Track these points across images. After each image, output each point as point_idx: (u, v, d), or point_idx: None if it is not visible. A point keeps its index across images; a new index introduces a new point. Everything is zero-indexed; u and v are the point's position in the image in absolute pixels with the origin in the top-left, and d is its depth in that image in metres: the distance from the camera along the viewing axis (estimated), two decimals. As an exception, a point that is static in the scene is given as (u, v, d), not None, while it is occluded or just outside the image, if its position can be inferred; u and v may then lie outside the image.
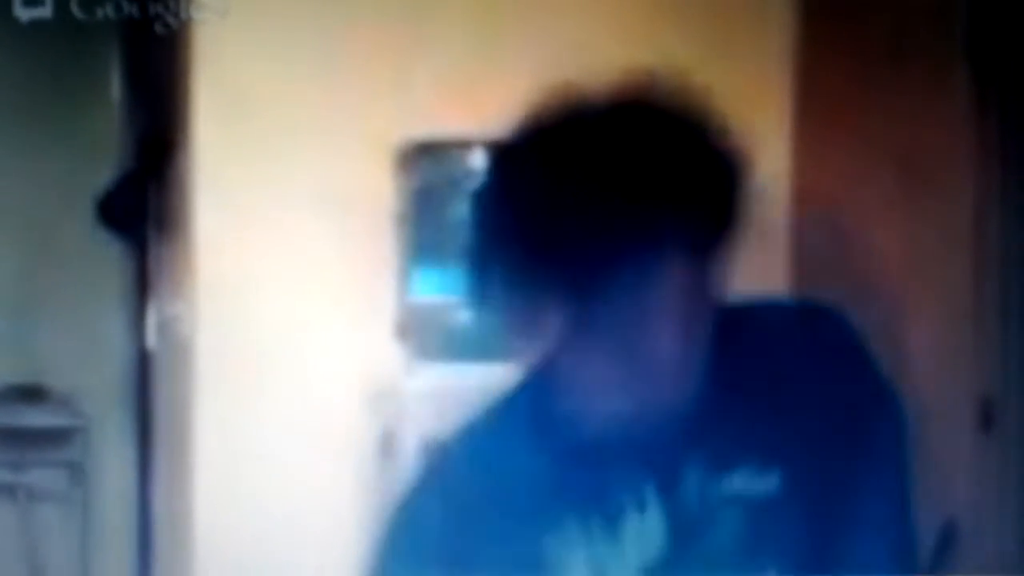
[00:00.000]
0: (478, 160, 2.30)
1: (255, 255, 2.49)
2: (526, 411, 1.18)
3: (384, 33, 2.53)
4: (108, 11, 2.43)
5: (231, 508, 2.49)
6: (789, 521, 1.14)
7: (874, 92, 2.64)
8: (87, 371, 3.53)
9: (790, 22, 2.73)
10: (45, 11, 2.39)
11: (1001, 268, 2.47)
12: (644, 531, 1.13)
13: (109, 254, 3.46)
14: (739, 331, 1.19)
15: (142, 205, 3.22)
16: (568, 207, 1.06)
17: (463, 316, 2.34)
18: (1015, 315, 2.49)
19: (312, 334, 2.47)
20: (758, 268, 2.75)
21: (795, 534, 1.14)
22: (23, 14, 2.41)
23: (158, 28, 2.48)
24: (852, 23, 2.70)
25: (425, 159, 2.31)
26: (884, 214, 2.61)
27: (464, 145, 2.34)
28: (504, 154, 1.13)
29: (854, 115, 2.65)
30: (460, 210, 2.23)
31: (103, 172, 3.37)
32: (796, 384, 1.18)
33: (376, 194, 2.41)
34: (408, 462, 2.28)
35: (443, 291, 2.36)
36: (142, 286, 3.34)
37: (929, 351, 2.51)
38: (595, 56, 2.20)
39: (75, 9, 2.40)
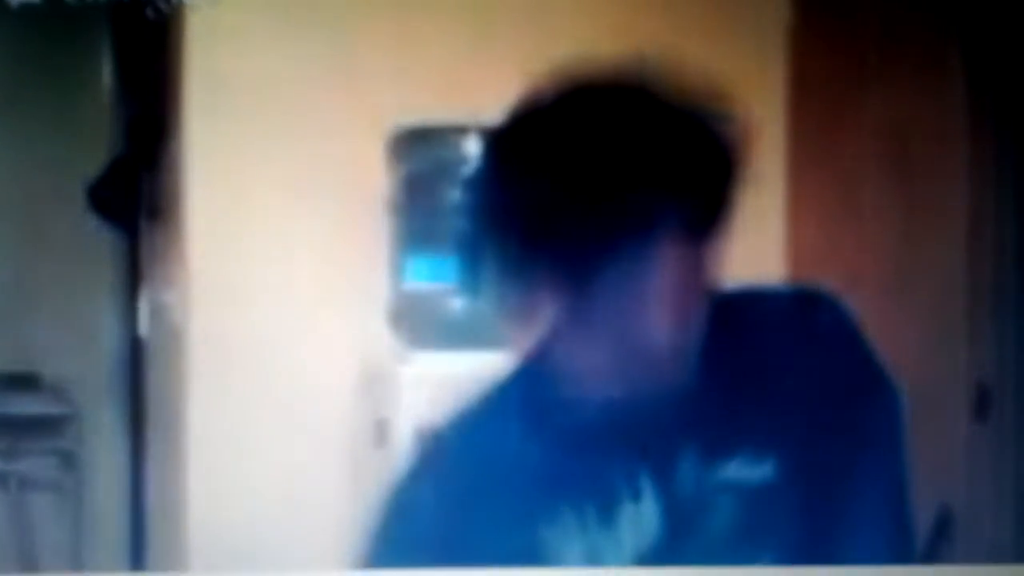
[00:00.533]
0: (472, 147, 2.29)
1: (247, 242, 2.48)
2: (520, 398, 1.18)
3: (377, 20, 2.52)
4: (98, -4, 2.41)
5: (224, 495, 2.48)
6: (785, 508, 1.13)
7: (868, 80, 2.63)
8: (79, 359, 3.52)
9: (784, 13, 2.72)
10: (35, -4, 2.38)
11: (996, 255, 2.47)
12: (639, 519, 1.12)
13: (100, 241, 3.45)
14: (734, 318, 1.18)
15: (133, 192, 3.21)
16: (561, 192, 1.05)
17: (457, 303, 2.33)
18: (1010, 301, 2.48)
19: (304, 321, 2.46)
20: (754, 255, 2.74)
21: (791, 520, 1.13)
22: (13, -1, 2.39)
23: (149, 13, 2.47)
24: (845, 10, 2.69)
25: (418, 146, 2.30)
26: (879, 200, 2.61)
27: (458, 132, 2.32)
28: (497, 139, 1.12)
29: (850, 104, 2.64)
30: (454, 197, 2.22)
31: (93, 159, 3.36)
32: (791, 371, 1.17)
33: (369, 181, 2.40)
34: (402, 450, 2.27)
35: (437, 278, 2.35)
36: (134, 273, 3.32)
37: (924, 338, 2.51)
38: (588, 44, 2.19)
39: (65, -6, 2.38)
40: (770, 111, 2.70)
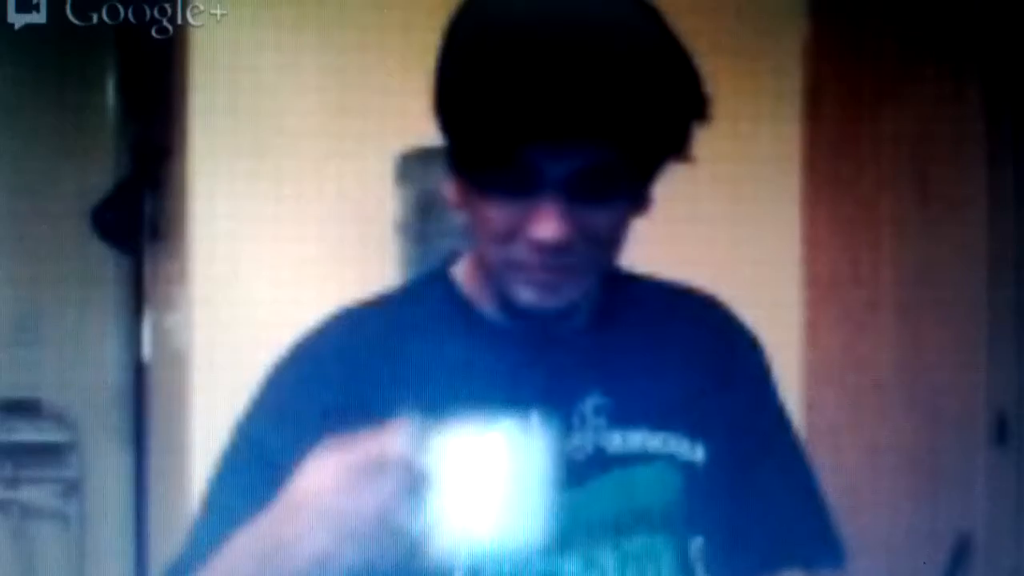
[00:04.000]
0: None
1: (252, 265, 2.45)
2: (432, 298, 1.11)
3: (384, 39, 2.49)
4: (103, 16, 2.38)
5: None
6: (712, 491, 1.06)
7: (886, 101, 2.60)
8: (81, 384, 3.48)
9: (800, 27, 2.70)
10: (39, 16, 2.34)
11: (1015, 282, 2.43)
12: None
13: (103, 264, 3.42)
14: (640, 300, 1.13)
15: (137, 214, 3.18)
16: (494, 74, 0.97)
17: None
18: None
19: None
20: (770, 276, 2.71)
21: (716, 502, 1.07)
22: (17, 19, 2.36)
23: (153, 34, 2.44)
24: (862, 29, 2.66)
25: (426, 166, 2.26)
26: (898, 224, 2.57)
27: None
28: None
29: (867, 123, 2.61)
30: (462, 217, 2.18)
31: (97, 181, 3.33)
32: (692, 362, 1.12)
33: (376, 202, 2.37)
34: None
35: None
36: (137, 297, 3.29)
37: (944, 365, 2.47)
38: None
39: (70, 14, 2.35)
40: (786, 127, 2.67)
